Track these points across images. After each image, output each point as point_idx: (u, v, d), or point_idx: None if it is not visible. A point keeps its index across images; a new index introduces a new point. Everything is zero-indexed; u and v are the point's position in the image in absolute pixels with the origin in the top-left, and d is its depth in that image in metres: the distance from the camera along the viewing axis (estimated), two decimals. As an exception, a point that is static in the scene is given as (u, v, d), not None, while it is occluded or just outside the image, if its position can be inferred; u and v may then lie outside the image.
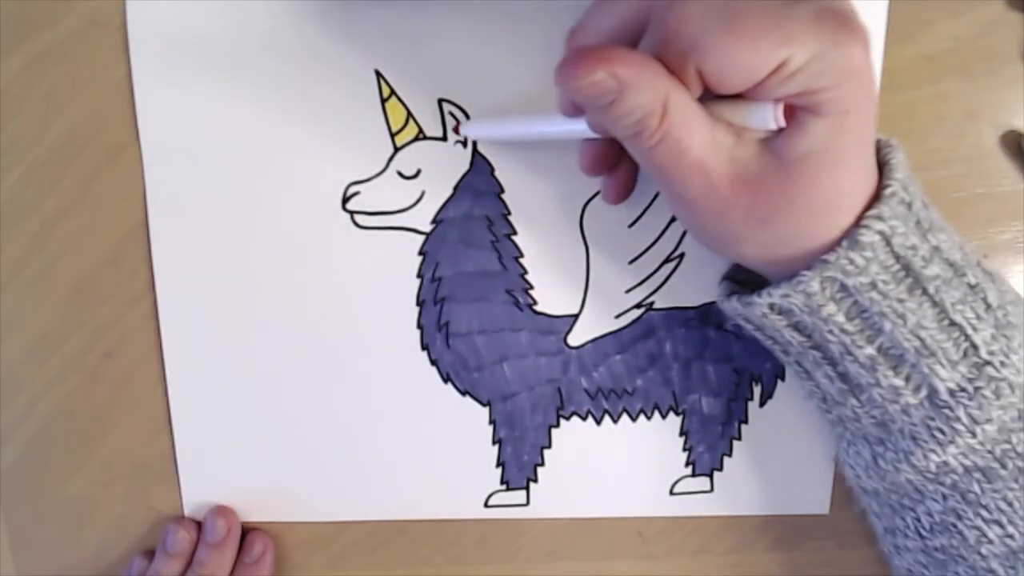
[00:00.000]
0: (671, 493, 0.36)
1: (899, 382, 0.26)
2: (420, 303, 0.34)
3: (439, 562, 0.37)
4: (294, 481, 0.36)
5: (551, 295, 0.34)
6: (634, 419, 0.35)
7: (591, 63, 0.21)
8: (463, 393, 0.35)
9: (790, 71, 0.21)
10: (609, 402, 0.35)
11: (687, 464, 0.36)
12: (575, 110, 0.27)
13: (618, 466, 0.36)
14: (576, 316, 0.34)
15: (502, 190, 0.33)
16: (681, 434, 0.36)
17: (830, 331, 0.26)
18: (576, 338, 0.35)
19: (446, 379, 0.35)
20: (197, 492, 0.36)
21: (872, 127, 0.24)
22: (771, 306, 0.26)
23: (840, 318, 0.25)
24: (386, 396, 0.35)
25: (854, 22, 0.22)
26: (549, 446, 0.36)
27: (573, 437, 0.36)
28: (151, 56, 0.32)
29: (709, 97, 0.23)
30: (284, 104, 0.32)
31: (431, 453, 0.36)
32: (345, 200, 0.33)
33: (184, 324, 0.35)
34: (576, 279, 0.34)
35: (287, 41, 0.32)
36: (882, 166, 0.25)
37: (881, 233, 0.24)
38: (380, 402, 0.35)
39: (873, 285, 0.24)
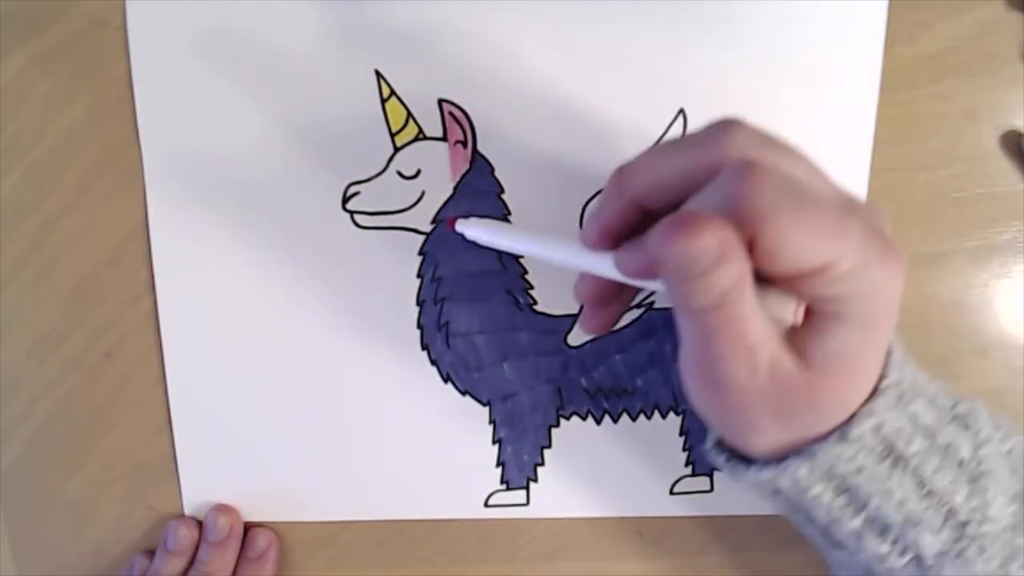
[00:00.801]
0: (671, 493, 0.36)
1: (885, 548, 0.26)
2: (420, 303, 0.34)
3: (439, 562, 0.37)
4: (294, 481, 0.36)
5: (551, 295, 0.34)
6: (634, 419, 0.35)
7: (703, 227, 0.20)
8: (463, 393, 0.35)
9: (835, 274, 0.21)
10: (609, 402, 0.35)
11: (687, 464, 0.36)
12: (604, 245, 0.25)
13: (618, 466, 0.36)
14: (576, 316, 0.34)
15: (502, 190, 0.33)
16: (681, 434, 0.36)
17: (817, 506, 0.26)
18: (576, 338, 0.35)
19: (446, 379, 0.35)
20: (197, 492, 0.36)
21: (888, 342, 0.24)
22: (757, 482, 0.26)
23: (827, 497, 0.25)
24: (386, 396, 0.35)
25: (897, 247, 0.22)
26: (549, 446, 0.36)
27: (573, 437, 0.36)
28: (151, 56, 0.32)
29: None
30: (284, 104, 0.32)
31: (431, 453, 0.36)
32: (345, 200, 0.33)
33: (184, 324, 0.35)
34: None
35: (287, 41, 0.32)
36: None
37: (873, 426, 0.24)
38: (380, 402, 0.35)
39: (860, 469, 0.24)
